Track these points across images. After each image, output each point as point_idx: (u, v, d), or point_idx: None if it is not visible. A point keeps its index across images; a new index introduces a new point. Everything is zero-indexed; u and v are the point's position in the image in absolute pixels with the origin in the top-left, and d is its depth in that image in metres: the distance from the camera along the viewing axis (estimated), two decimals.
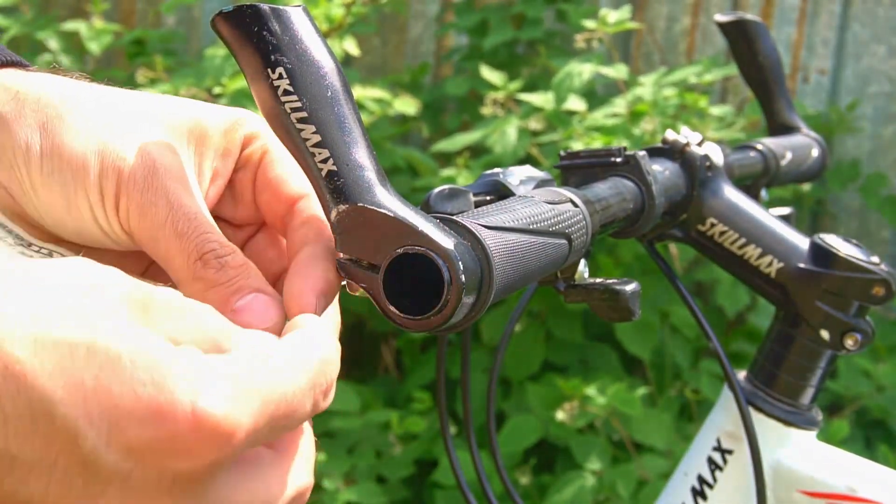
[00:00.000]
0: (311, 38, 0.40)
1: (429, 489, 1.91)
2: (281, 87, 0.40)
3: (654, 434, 1.78)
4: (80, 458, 0.30)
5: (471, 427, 0.75)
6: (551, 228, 0.47)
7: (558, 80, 1.83)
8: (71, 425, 0.29)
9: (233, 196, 0.47)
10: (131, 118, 0.43)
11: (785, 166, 0.88)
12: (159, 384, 0.30)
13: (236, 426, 0.32)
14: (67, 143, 0.41)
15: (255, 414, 0.32)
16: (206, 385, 0.31)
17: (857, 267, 0.71)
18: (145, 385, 0.30)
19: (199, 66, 1.95)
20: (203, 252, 0.40)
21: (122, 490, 0.31)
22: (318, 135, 0.40)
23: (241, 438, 0.32)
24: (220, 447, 0.31)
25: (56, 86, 0.43)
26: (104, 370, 0.30)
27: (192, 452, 0.31)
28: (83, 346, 0.30)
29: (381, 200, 0.40)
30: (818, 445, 0.76)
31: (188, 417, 0.31)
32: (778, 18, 2.44)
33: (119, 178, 0.41)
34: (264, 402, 0.33)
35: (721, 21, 0.93)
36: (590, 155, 0.64)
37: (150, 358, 0.31)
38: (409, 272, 0.40)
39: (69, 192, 0.41)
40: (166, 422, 0.30)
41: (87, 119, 0.42)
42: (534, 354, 1.96)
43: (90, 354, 0.30)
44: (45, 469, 0.30)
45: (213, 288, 0.40)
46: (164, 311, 0.34)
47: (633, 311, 0.54)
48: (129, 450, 0.30)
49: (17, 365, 0.29)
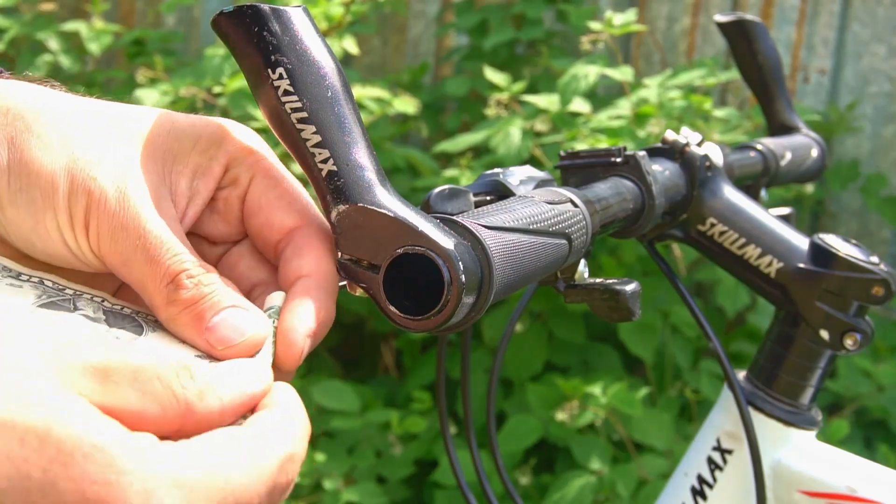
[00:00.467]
0: (311, 38, 0.40)
1: (429, 489, 1.91)
2: (281, 87, 0.40)
3: (654, 434, 1.78)
4: None
5: (471, 427, 0.75)
6: (551, 228, 0.47)
7: (564, 81, 1.83)
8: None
9: (214, 214, 0.45)
10: (105, 133, 0.41)
11: (785, 166, 0.88)
12: (111, 483, 0.29)
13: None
14: (36, 159, 0.39)
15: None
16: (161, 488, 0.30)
17: (856, 267, 0.71)
18: (95, 484, 0.29)
19: (199, 65, 1.95)
20: (175, 274, 0.39)
21: None
22: (318, 135, 0.40)
23: None
24: None
25: (28, 96, 0.41)
26: (54, 463, 0.29)
27: None
28: (35, 435, 0.29)
29: (381, 200, 0.40)
30: (818, 445, 0.76)
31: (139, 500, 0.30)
32: (778, 18, 2.44)
33: (89, 198, 0.39)
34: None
35: (721, 21, 0.93)
36: (590, 155, 0.64)
37: (103, 454, 0.30)
38: (409, 272, 0.40)
39: (37, 210, 0.39)
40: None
41: (59, 133, 0.40)
42: (536, 355, 1.96)
43: (42, 444, 0.29)
44: None
45: (187, 309, 0.39)
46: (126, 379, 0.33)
47: (633, 312, 0.54)
48: None
49: None
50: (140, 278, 0.40)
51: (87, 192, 0.39)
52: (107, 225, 0.39)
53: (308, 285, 0.42)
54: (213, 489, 0.32)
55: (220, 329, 0.39)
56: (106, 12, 2.45)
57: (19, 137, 0.39)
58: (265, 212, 0.44)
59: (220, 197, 0.45)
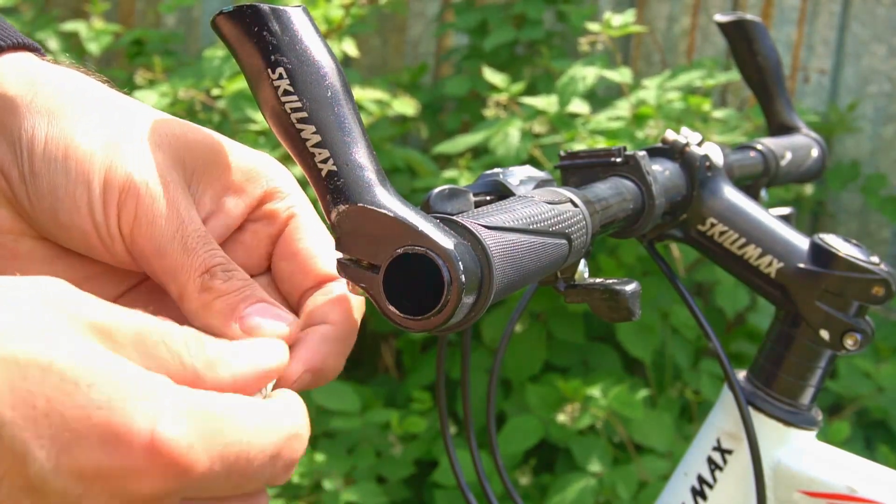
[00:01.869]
0: (311, 38, 0.40)
1: (429, 489, 1.91)
2: (281, 87, 0.40)
3: (654, 435, 1.78)
4: (26, 480, 0.29)
5: (471, 427, 0.75)
6: (551, 228, 0.47)
7: (563, 83, 1.83)
8: (19, 447, 0.29)
9: (238, 243, 0.45)
10: (143, 128, 0.42)
11: (785, 166, 0.88)
12: (117, 408, 0.29)
13: (195, 461, 0.30)
14: (77, 135, 0.40)
15: (215, 458, 0.31)
16: (169, 414, 0.30)
17: (856, 267, 0.70)
18: (101, 408, 0.29)
19: (198, 66, 1.94)
20: (211, 265, 0.40)
21: None
22: (318, 135, 0.40)
23: (197, 476, 0.31)
24: (176, 478, 0.30)
25: (72, 79, 0.43)
26: (57, 392, 0.29)
27: (146, 481, 0.30)
28: (37, 366, 0.29)
29: (380, 200, 0.40)
30: (818, 445, 0.76)
31: (144, 443, 0.30)
32: (778, 18, 2.44)
33: (128, 180, 0.40)
34: (226, 449, 0.32)
35: (721, 21, 0.93)
36: (590, 155, 0.64)
37: (110, 380, 0.30)
38: (409, 272, 0.40)
39: (70, 181, 0.40)
40: (119, 447, 0.29)
41: (101, 117, 0.41)
42: (535, 355, 1.96)
43: (44, 375, 0.29)
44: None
45: (222, 297, 0.40)
46: (129, 340, 0.32)
47: (632, 312, 0.54)
48: (79, 475, 0.29)
49: None
50: (172, 266, 0.40)
51: (127, 174, 0.40)
52: (144, 210, 0.40)
53: (329, 333, 0.42)
54: (223, 429, 0.32)
55: (254, 318, 0.40)
56: (106, 12, 2.45)
57: (61, 112, 0.40)
58: (301, 258, 0.45)
59: (250, 229, 0.45)
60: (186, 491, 0.31)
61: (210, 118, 1.94)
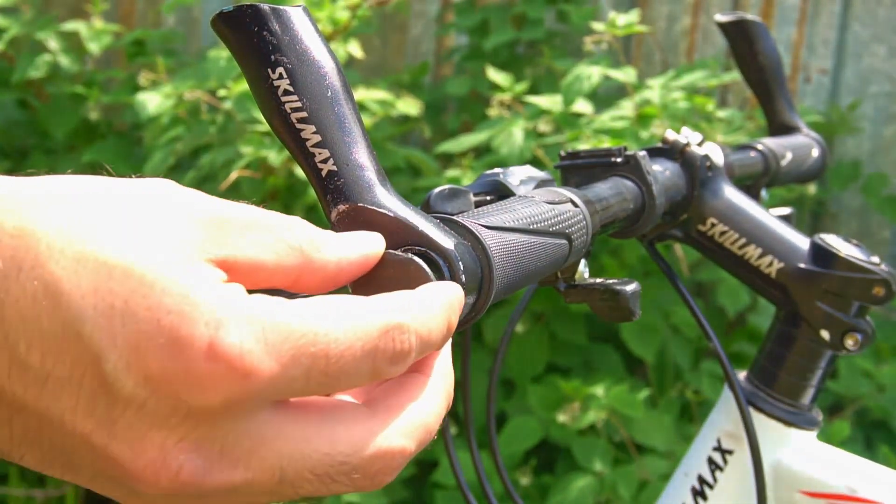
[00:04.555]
0: (311, 38, 0.40)
1: (429, 489, 1.91)
2: (281, 87, 0.40)
3: (655, 435, 1.78)
4: (101, 379, 0.30)
5: (471, 427, 0.75)
6: (551, 228, 0.47)
7: (567, 82, 1.83)
8: (95, 346, 0.30)
9: None
10: None
11: (785, 166, 0.88)
12: (184, 314, 0.30)
13: (256, 366, 0.31)
14: None
15: (285, 361, 0.31)
16: (232, 321, 0.31)
17: (857, 267, 0.70)
18: (170, 313, 0.30)
19: (201, 67, 1.94)
20: None
21: (137, 417, 0.31)
22: (318, 135, 0.40)
23: (265, 381, 0.31)
24: (239, 385, 0.31)
25: None
26: (135, 294, 0.30)
27: (205, 387, 0.31)
28: (120, 269, 0.30)
29: (381, 200, 0.40)
30: (818, 445, 0.76)
31: (203, 349, 0.30)
32: (778, 18, 2.44)
33: None
34: (298, 351, 0.32)
35: (722, 21, 0.93)
36: (590, 155, 0.64)
37: (182, 288, 0.31)
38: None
39: None
40: (183, 352, 0.30)
41: None
42: (537, 356, 1.95)
43: (125, 277, 0.30)
44: (74, 387, 0.30)
45: None
46: (238, 229, 0.34)
47: (633, 312, 0.54)
48: (146, 377, 0.30)
49: (55, 284, 0.30)
50: None
51: None
52: None
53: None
54: (292, 331, 0.32)
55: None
56: (106, 12, 2.45)
57: None
58: None
59: None
60: (259, 398, 0.32)
61: (214, 119, 1.93)
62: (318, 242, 0.36)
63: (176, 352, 0.30)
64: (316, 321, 0.33)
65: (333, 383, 0.33)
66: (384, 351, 0.34)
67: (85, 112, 2.28)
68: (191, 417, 0.31)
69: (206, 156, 1.85)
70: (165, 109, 1.89)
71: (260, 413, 0.33)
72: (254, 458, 0.32)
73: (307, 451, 0.33)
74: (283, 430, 0.33)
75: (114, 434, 0.31)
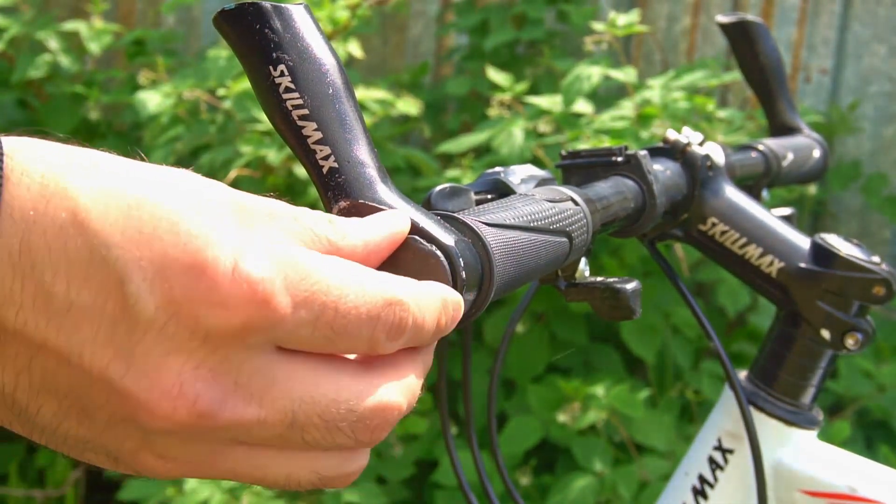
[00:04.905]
0: (312, 35, 0.40)
1: (429, 490, 1.91)
2: (283, 84, 0.40)
3: (655, 435, 1.78)
4: (123, 303, 0.31)
5: (472, 427, 0.75)
6: (552, 226, 0.47)
7: (567, 82, 1.83)
8: (120, 269, 0.31)
9: None
10: None
11: (786, 167, 0.88)
12: (210, 241, 0.32)
13: (275, 296, 0.32)
14: None
15: (299, 301, 0.33)
16: (256, 251, 0.32)
17: (857, 266, 0.70)
18: (197, 237, 0.32)
19: (201, 66, 1.94)
20: None
21: (156, 341, 0.31)
22: (319, 132, 0.40)
23: (279, 312, 0.32)
24: (255, 310, 0.32)
25: None
26: (163, 223, 0.31)
27: (227, 306, 0.31)
28: (150, 204, 0.32)
29: (381, 197, 0.40)
30: (819, 445, 0.76)
31: (228, 272, 0.31)
32: (778, 18, 2.44)
33: None
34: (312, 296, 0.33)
35: (723, 22, 0.93)
36: (591, 154, 0.64)
37: (210, 220, 0.32)
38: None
39: None
40: (206, 273, 0.31)
41: None
42: (538, 356, 1.95)
43: (154, 210, 0.31)
44: (96, 315, 0.31)
45: None
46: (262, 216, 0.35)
47: (633, 310, 0.54)
48: (168, 299, 0.31)
49: (84, 213, 0.31)
50: None
51: None
52: None
53: None
54: (310, 275, 0.33)
55: None
56: (106, 12, 2.45)
57: None
58: None
59: None
60: (272, 332, 0.33)
61: (214, 118, 1.94)
62: (344, 230, 0.37)
63: (199, 272, 0.31)
64: (331, 274, 0.34)
65: (335, 339, 0.34)
66: (385, 321, 0.35)
67: (85, 112, 2.28)
68: (208, 342, 0.32)
69: (206, 155, 1.85)
70: (165, 109, 1.89)
71: (272, 353, 0.34)
72: (266, 397, 0.33)
73: (317, 396, 0.34)
74: (295, 372, 0.34)
75: (131, 363, 0.31)
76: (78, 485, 2.22)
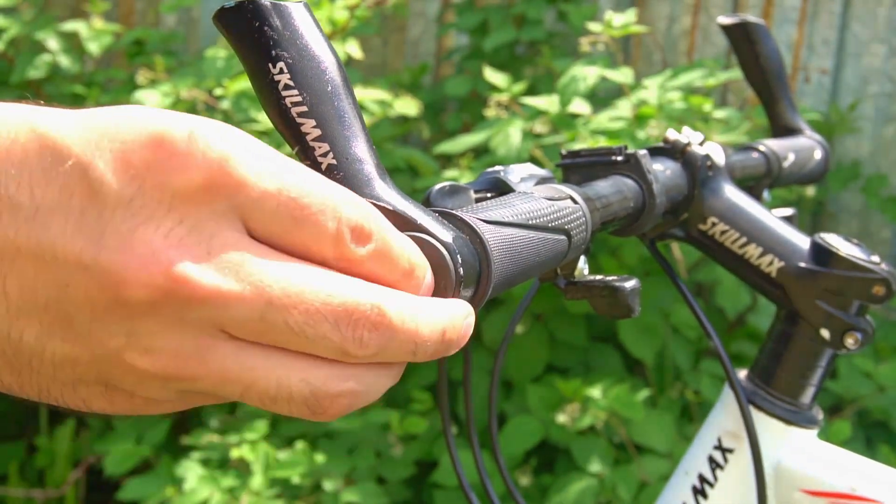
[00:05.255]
0: (311, 33, 0.41)
1: (429, 490, 1.91)
2: (282, 81, 0.40)
3: (654, 436, 1.78)
4: (89, 191, 0.32)
5: (472, 427, 0.75)
6: (550, 224, 0.47)
7: (563, 83, 1.83)
8: (83, 161, 0.32)
9: None
10: None
11: (787, 168, 0.88)
12: (165, 118, 0.33)
13: (231, 154, 0.33)
14: None
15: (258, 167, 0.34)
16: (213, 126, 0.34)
17: (857, 266, 0.70)
18: (155, 119, 0.33)
19: (200, 66, 1.94)
20: None
21: (125, 217, 0.32)
22: (318, 129, 0.40)
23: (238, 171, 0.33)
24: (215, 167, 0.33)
25: None
26: (122, 115, 0.33)
27: (187, 166, 0.33)
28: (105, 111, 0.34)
29: (380, 194, 0.40)
30: (819, 444, 0.76)
31: (184, 137, 0.33)
32: (778, 18, 2.44)
33: None
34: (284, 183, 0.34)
35: (723, 23, 0.93)
36: (591, 154, 0.64)
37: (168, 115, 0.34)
38: None
39: None
40: (164, 144, 0.33)
41: None
42: (537, 356, 1.95)
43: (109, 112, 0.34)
44: (63, 210, 0.32)
45: None
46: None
47: (632, 308, 0.54)
48: (132, 175, 0.32)
49: (45, 128, 0.32)
50: None
51: None
52: None
53: None
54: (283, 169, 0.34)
55: None
56: (106, 12, 2.45)
57: None
58: None
59: None
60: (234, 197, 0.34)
61: (212, 118, 1.94)
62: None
63: (157, 144, 0.33)
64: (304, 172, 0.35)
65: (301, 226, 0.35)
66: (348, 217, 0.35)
67: None
68: (175, 209, 0.33)
69: None
70: (164, 108, 1.89)
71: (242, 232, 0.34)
72: (241, 272, 0.33)
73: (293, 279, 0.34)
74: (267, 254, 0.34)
75: (102, 243, 0.32)
76: (78, 485, 2.22)
